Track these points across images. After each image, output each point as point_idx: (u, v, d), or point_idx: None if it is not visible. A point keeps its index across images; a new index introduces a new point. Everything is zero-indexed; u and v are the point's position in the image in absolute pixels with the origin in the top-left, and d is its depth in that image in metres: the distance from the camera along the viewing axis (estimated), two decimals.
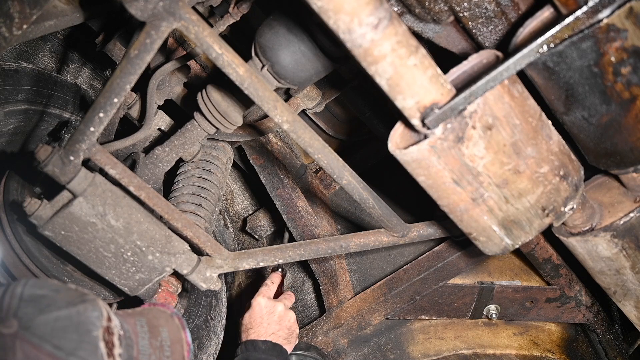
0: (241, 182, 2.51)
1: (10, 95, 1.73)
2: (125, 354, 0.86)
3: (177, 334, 1.02)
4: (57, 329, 0.77)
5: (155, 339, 0.95)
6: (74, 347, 0.77)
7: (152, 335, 0.95)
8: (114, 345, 0.83)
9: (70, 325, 0.78)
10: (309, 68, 1.36)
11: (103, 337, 0.81)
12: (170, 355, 0.96)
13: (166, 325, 1.01)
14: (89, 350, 0.78)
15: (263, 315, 1.54)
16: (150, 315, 1.02)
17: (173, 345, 0.99)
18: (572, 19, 0.92)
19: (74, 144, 1.14)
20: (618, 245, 1.27)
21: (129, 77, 1.07)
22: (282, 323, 1.55)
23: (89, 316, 0.81)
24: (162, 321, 1.02)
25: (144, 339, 0.93)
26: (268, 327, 1.52)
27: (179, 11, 0.99)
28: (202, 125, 1.51)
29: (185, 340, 1.03)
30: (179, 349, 1.00)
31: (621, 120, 1.06)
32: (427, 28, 1.20)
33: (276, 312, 1.55)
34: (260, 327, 1.52)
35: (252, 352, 1.46)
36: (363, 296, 1.83)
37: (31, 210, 1.19)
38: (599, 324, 1.90)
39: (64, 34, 2.04)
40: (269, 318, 1.54)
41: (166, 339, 0.98)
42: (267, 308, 1.55)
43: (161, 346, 0.96)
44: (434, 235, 1.45)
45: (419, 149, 1.00)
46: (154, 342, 0.94)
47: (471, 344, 1.90)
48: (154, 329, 0.97)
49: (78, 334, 0.78)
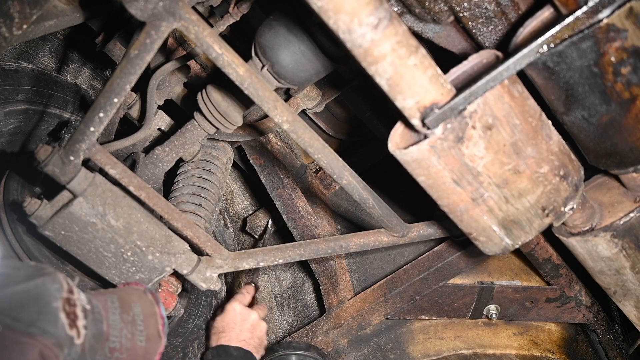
0: (241, 182, 2.51)
1: (10, 95, 1.73)
2: (94, 327, 0.85)
3: (151, 308, 1.01)
4: (16, 302, 0.76)
5: (127, 313, 0.94)
6: (34, 319, 0.76)
7: (123, 311, 0.94)
8: (77, 317, 0.82)
9: (29, 298, 0.78)
10: (309, 68, 1.36)
11: (63, 308, 0.79)
12: (144, 330, 0.96)
13: (139, 301, 1.00)
14: (49, 321, 0.77)
15: (236, 321, 1.52)
16: (122, 293, 1.01)
17: (146, 319, 0.98)
18: (572, 19, 0.92)
19: (74, 144, 1.14)
20: (618, 245, 1.27)
21: (129, 77, 1.07)
22: (254, 332, 1.54)
23: (48, 288, 0.80)
24: (134, 297, 1.01)
25: (114, 314, 0.92)
26: (240, 333, 1.51)
27: (179, 11, 0.99)
28: (202, 125, 1.51)
29: (159, 314, 1.02)
30: (153, 323, 0.99)
31: (621, 120, 1.06)
32: (427, 28, 1.20)
33: (249, 319, 1.54)
34: (232, 332, 1.50)
35: (224, 356, 1.44)
36: (363, 296, 1.83)
37: (31, 210, 1.19)
38: (599, 324, 1.90)
39: (64, 34, 2.04)
40: (241, 325, 1.52)
41: (139, 313, 0.97)
42: (242, 315, 1.54)
43: (133, 320, 0.95)
44: (434, 235, 1.45)
45: (419, 149, 1.00)
46: (125, 317, 0.94)
47: (471, 344, 1.90)
48: (125, 305, 0.96)
49: (37, 305, 0.77)
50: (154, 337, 0.98)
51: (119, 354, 0.89)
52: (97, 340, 0.86)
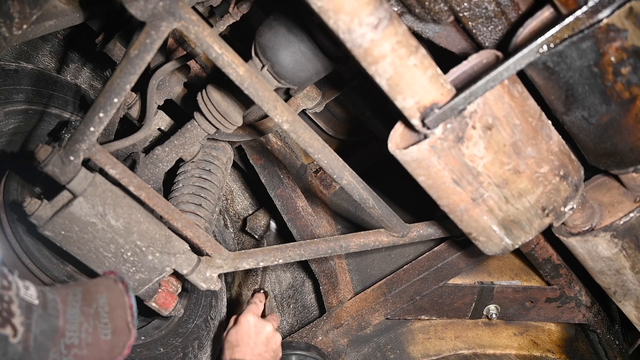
0: (241, 182, 2.51)
1: (10, 95, 1.73)
2: (44, 324, 0.80)
3: (119, 298, 0.95)
4: None
5: (89, 306, 0.89)
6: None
7: (85, 303, 0.89)
8: (13, 314, 0.76)
9: None
10: (309, 68, 1.36)
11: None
12: (109, 322, 0.90)
13: (105, 292, 0.94)
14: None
15: (251, 335, 1.47)
16: (90, 284, 0.95)
17: (113, 310, 0.91)
18: (572, 19, 0.92)
19: (74, 144, 1.14)
20: (618, 245, 1.27)
21: (129, 77, 1.07)
22: (269, 345, 1.50)
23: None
24: (101, 288, 0.94)
25: (74, 308, 0.86)
26: (255, 347, 1.46)
27: (179, 11, 0.99)
28: (202, 125, 1.51)
29: (127, 304, 0.95)
30: (121, 314, 0.93)
31: (621, 120, 1.06)
32: (427, 28, 1.20)
33: (264, 332, 1.50)
34: (247, 347, 1.45)
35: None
36: (363, 296, 1.83)
37: (31, 210, 1.19)
38: (599, 324, 1.90)
39: (64, 34, 2.04)
40: (256, 338, 1.48)
41: (103, 305, 0.91)
42: (256, 327, 1.49)
43: (97, 313, 0.89)
44: (434, 235, 1.45)
45: (419, 149, 1.00)
46: (86, 310, 0.88)
47: (471, 344, 1.90)
48: (89, 296, 0.91)
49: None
50: (122, 330, 0.91)
51: (77, 350, 0.83)
52: (48, 337, 0.80)
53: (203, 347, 2.14)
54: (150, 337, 1.99)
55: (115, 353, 0.89)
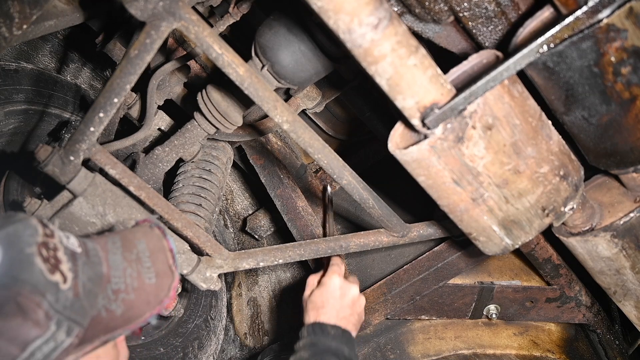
0: (241, 182, 2.51)
1: (10, 95, 1.73)
2: (89, 271, 0.79)
3: (158, 243, 0.94)
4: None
5: (129, 252, 0.87)
6: (6, 269, 0.71)
7: (125, 249, 0.87)
8: (60, 261, 0.75)
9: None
10: (309, 68, 1.36)
11: (39, 253, 0.73)
12: (152, 266, 0.89)
13: (144, 238, 0.93)
14: (23, 268, 0.71)
15: (336, 297, 1.41)
16: (126, 232, 0.94)
17: (153, 255, 0.90)
18: (572, 19, 0.92)
19: (74, 144, 1.14)
20: (618, 245, 1.27)
21: (129, 77, 1.07)
22: (355, 308, 1.44)
23: (19, 235, 0.74)
24: (138, 234, 0.93)
25: (115, 254, 0.85)
26: (340, 310, 1.40)
27: (179, 11, 0.99)
28: (202, 125, 1.51)
29: (167, 247, 0.94)
30: (162, 258, 0.92)
31: (621, 120, 1.06)
32: (427, 28, 1.20)
33: (350, 294, 1.43)
34: (332, 309, 1.39)
35: (321, 336, 1.34)
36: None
37: (31, 210, 1.19)
38: (599, 324, 1.90)
39: (64, 34, 2.04)
40: (342, 300, 1.41)
41: (144, 250, 0.90)
42: (342, 289, 1.42)
43: (138, 258, 0.88)
44: (434, 235, 1.45)
45: (419, 149, 1.00)
46: (128, 256, 0.87)
47: (471, 344, 1.90)
48: (128, 243, 0.89)
49: (8, 255, 0.72)
50: (165, 272, 0.91)
51: (124, 295, 0.83)
52: (96, 284, 0.79)
53: (203, 347, 2.14)
54: (150, 337, 1.99)
55: (161, 296, 0.89)
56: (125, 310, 0.82)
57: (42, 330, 0.70)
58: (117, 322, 0.82)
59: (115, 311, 0.81)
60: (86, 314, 0.76)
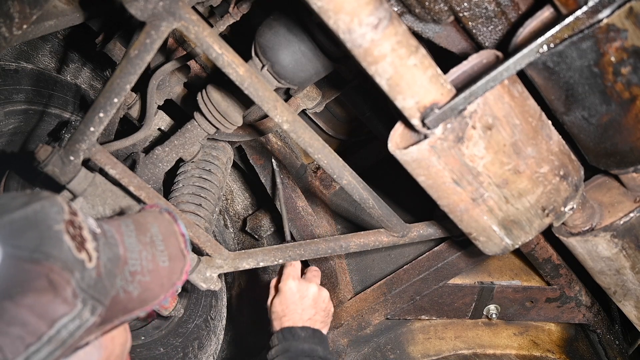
0: (241, 182, 2.51)
1: (10, 95, 1.73)
2: (108, 251, 0.79)
3: (169, 227, 0.94)
4: (15, 230, 0.70)
5: (143, 235, 0.87)
6: (37, 244, 0.70)
7: (139, 232, 0.87)
8: (85, 239, 0.75)
9: (28, 224, 0.71)
10: (309, 68, 1.36)
11: (67, 230, 0.73)
12: (165, 249, 0.89)
13: (155, 222, 0.93)
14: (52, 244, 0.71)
15: (296, 301, 1.39)
16: (137, 216, 0.93)
17: (166, 238, 0.91)
18: (572, 19, 0.92)
19: (74, 144, 1.14)
20: (618, 245, 1.27)
21: (129, 77, 1.07)
22: (317, 305, 1.41)
23: (47, 212, 0.73)
24: (150, 218, 0.93)
25: (130, 237, 0.85)
26: (303, 312, 1.38)
27: (179, 11, 0.99)
28: (202, 125, 1.51)
29: (179, 232, 0.94)
30: (174, 242, 0.92)
31: (621, 120, 1.06)
32: (427, 28, 1.20)
33: (309, 294, 1.40)
34: (294, 314, 1.38)
35: (292, 341, 1.33)
36: (363, 296, 1.83)
37: None
38: (599, 324, 1.90)
39: (64, 34, 2.04)
40: (302, 302, 1.39)
41: (157, 233, 0.90)
42: (300, 292, 1.40)
43: (152, 241, 0.88)
44: (434, 235, 1.45)
45: (419, 149, 1.00)
46: (142, 239, 0.87)
47: (471, 344, 1.90)
48: (141, 227, 0.89)
49: (38, 230, 0.71)
50: (177, 256, 0.91)
51: (141, 277, 0.83)
52: (115, 264, 0.79)
53: (203, 347, 2.14)
54: (150, 337, 1.99)
55: (174, 279, 0.89)
56: (141, 292, 0.83)
57: (69, 308, 0.70)
58: (134, 303, 0.82)
59: (132, 292, 0.81)
60: (108, 294, 0.76)
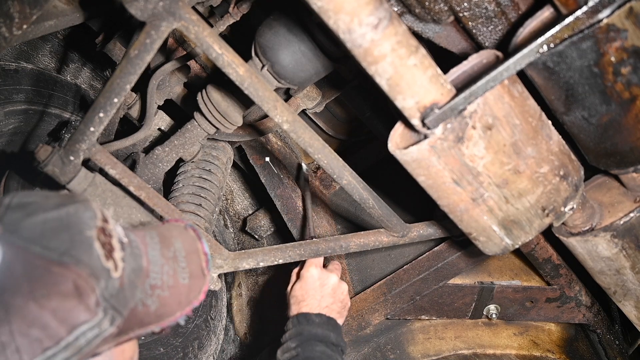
0: (241, 182, 2.51)
1: (10, 95, 1.73)
2: (133, 262, 0.77)
3: (193, 244, 0.93)
4: (46, 231, 0.69)
5: (167, 249, 0.86)
6: (66, 247, 0.69)
7: (163, 246, 0.86)
8: (114, 248, 0.74)
9: (60, 226, 0.71)
10: (309, 68, 1.36)
11: (98, 237, 0.72)
12: (187, 266, 0.88)
13: (180, 237, 0.92)
14: (83, 250, 0.70)
15: (316, 287, 1.43)
16: (162, 229, 0.93)
17: (188, 255, 0.90)
18: (572, 19, 0.92)
19: (74, 144, 1.14)
20: (618, 245, 1.27)
21: (129, 77, 1.07)
22: (336, 296, 1.45)
23: (80, 216, 0.73)
24: (174, 233, 0.92)
25: (154, 250, 0.84)
26: (322, 299, 1.42)
27: (179, 11, 0.99)
28: (202, 125, 1.51)
29: (201, 250, 0.94)
30: (196, 260, 0.91)
31: (621, 120, 1.06)
32: (427, 28, 1.20)
33: (329, 283, 1.44)
34: (313, 300, 1.41)
35: (306, 325, 1.36)
36: (363, 296, 1.83)
37: None
38: (599, 324, 1.90)
39: (64, 34, 2.04)
40: (322, 290, 1.43)
41: (180, 249, 0.89)
42: (321, 279, 1.44)
43: (175, 257, 0.87)
44: (434, 235, 1.45)
45: (419, 149, 1.00)
46: (166, 253, 0.86)
47: (471, 344, 1.90)
48: (165, 240, 0.88)
49: (69, 234, 0.70)
50: (197, 275, 0.90)
51: (160, 291, 0.82)
52: (137, 276, 0.78)
53: (203, 346, 2.14)
54: (150, 337, 1.99)
55: (191, 297, 0.88)
56: (159, 307, 0.82)
57: (91, 316, 0.69)
58: (151, 317, 0.81)
59: (150, 306, 0.80)
60: (127, 305, 0.75)
